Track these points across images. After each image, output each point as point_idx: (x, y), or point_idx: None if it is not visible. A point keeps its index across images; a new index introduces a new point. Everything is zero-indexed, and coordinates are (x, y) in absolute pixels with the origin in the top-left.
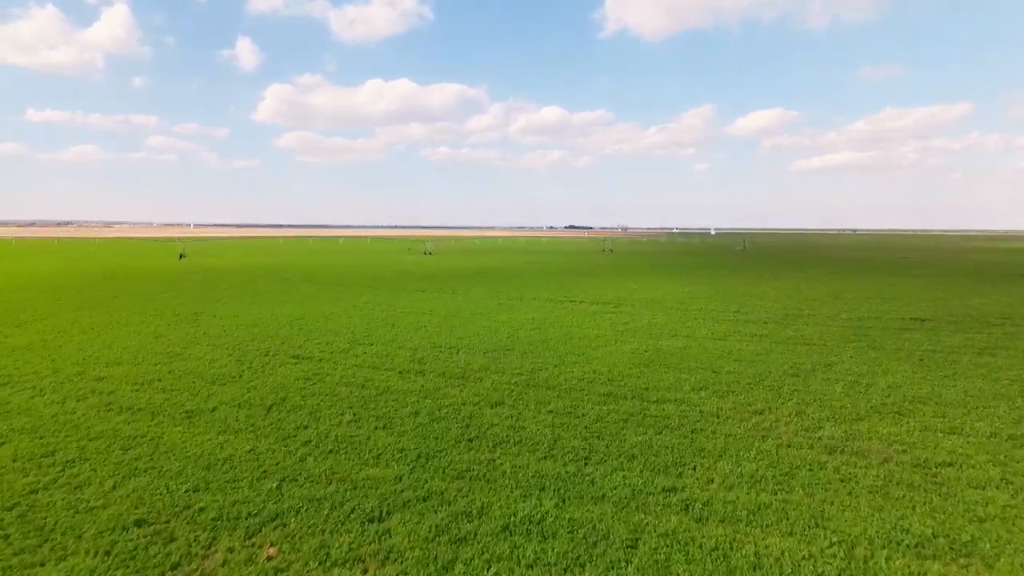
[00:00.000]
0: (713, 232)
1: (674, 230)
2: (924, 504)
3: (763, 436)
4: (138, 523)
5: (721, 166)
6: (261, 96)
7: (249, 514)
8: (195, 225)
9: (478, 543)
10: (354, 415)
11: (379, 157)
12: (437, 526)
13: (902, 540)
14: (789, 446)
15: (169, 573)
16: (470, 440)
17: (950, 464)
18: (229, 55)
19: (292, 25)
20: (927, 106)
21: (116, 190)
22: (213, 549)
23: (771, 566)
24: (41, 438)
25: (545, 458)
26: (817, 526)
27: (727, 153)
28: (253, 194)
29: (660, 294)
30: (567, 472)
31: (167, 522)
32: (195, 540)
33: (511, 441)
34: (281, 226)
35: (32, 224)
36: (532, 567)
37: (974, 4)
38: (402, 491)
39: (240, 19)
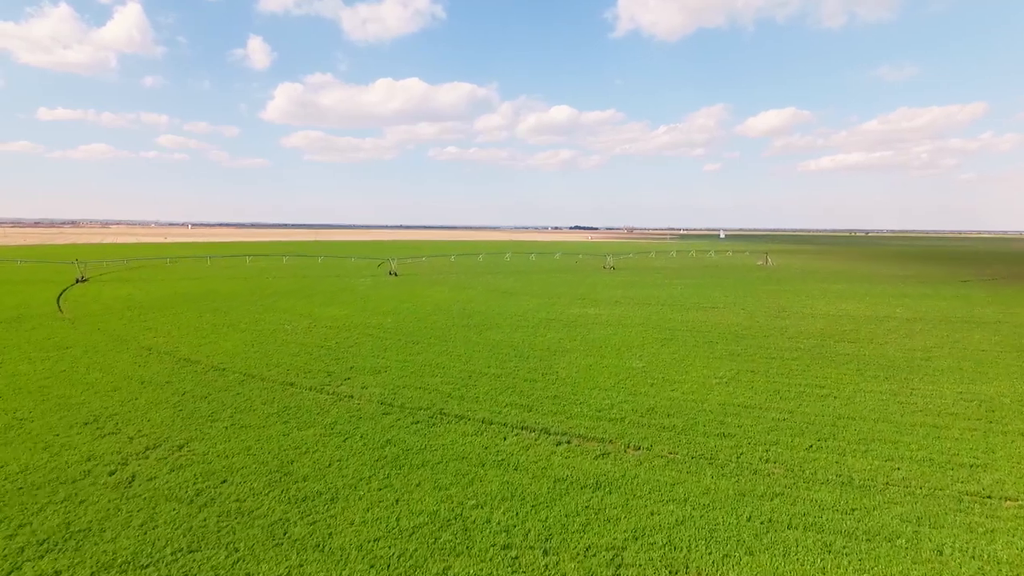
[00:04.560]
0: (722, 235)
1: (681, 231)
2: None
3: None
4: None
5: (731, 166)
6: (271, 95)
7: None
8: (192, 226)
9: None
10: None
11: (388, 156)
12: None
13: None
14: None
15: None
16: None
17: None
18: (240, 54)
19: (303, 24)
20: (942, 106)
21: (126, 189)
22: None
23: None
24: None
25: None
26: None
27: (738, 153)
28: (262, 193)
29: (686, 389)
30: None
31: None
32: None
33: None
34: (286, 226)
35: (37, 224)
36: None
37: (991, 2)
38: None
39: (252, 18)
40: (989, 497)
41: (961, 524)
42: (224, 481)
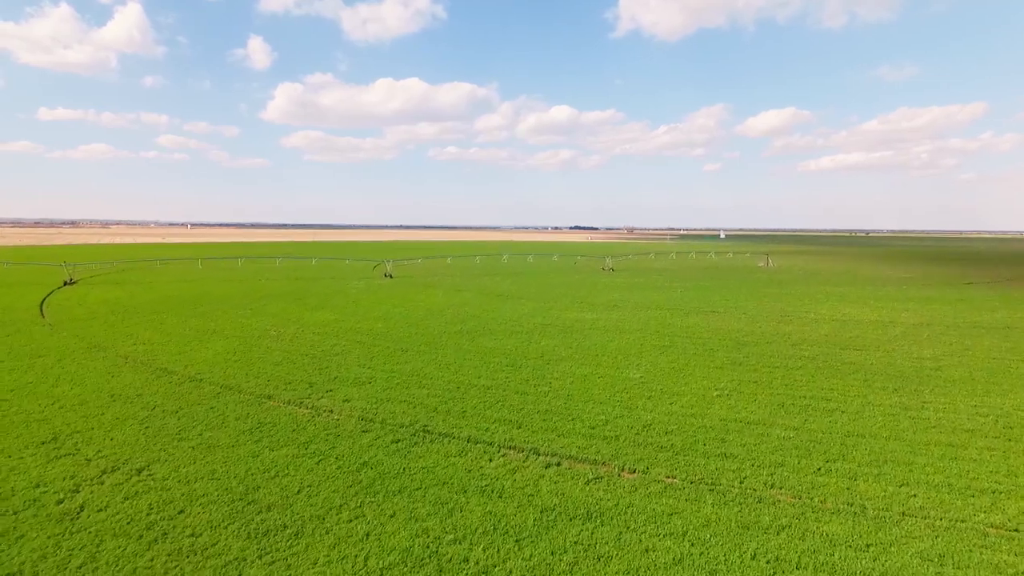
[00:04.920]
0: (722, 235)
1: (681, 231)
2: None
3: None
4: None
5: (731, 166)
6: (271, 95)
7: None
8: (192, 226)
9: None
10: None
11: (388, 156)
12: None
13: None
14: None
15: None
16: None
17: None
18: (241, 54)
19: (304, 24)
20: (942, 106)
21: (127, 189)
22: None
23: None
24: None
25: None
26: None
27: (737, 153)
28: (262, 193)
29: (685, 402)
30: None
31: None
32: None
33: None
34: (286, 226)
35: (37, 224)
36: None
37: (992, 2)
38: None
39: (252, 18)
40: (1016, 531)
41: (988, 564)
42: (181, 511)
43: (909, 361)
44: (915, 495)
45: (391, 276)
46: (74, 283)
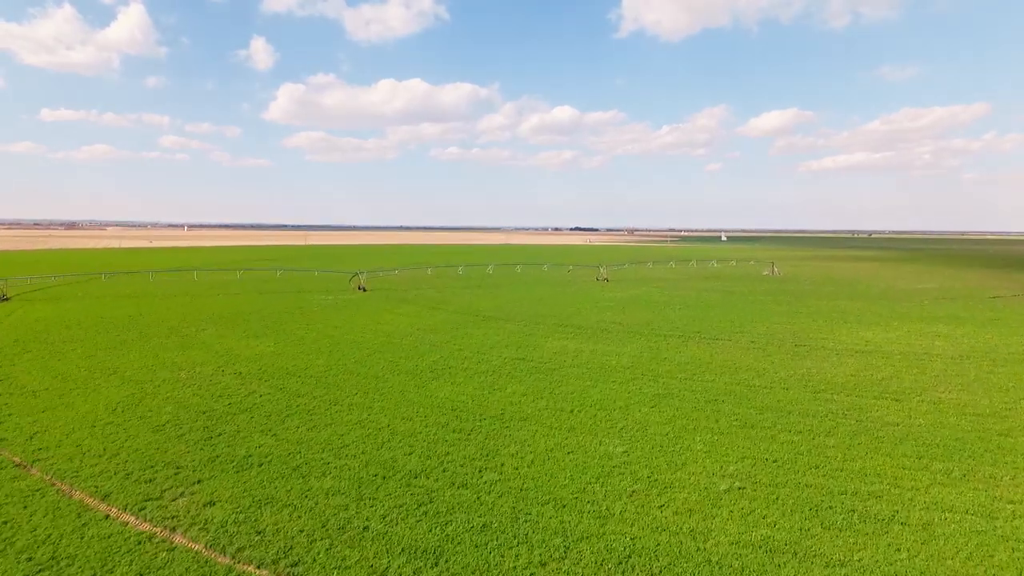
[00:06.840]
0: (724, 237)
1: (682, 232)
2: None
3: None
4: None
5: (733, 167)
6: (274, 96)
7: None
8: (189, 227)
9: None
10: None
11: (390, 156)
12: None
13: None
14: None
15: None
16: None
17: None
18: (243, 55)
19: (306, 25)
20: (945, 106)
21: (128, 190)
22: None
23: None
24: None
25: None
26: None
27: (738, 153)
28: (263, 194)
29: (680, 504)
30: None
31: None
32: None
33: None
34: (286, 227)
35: (36, 225)
36: None
37: (994, 2)
38: None
39: (254, 19)
40: None
41: None
42: None
43: (965, 419)
44: None
45: (364, 289)
46: (7, 300)
